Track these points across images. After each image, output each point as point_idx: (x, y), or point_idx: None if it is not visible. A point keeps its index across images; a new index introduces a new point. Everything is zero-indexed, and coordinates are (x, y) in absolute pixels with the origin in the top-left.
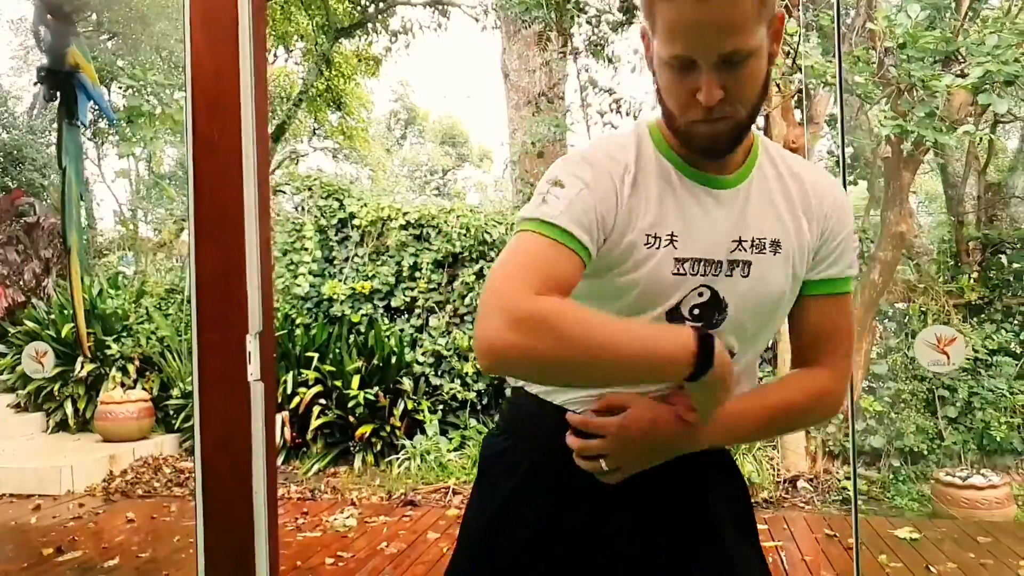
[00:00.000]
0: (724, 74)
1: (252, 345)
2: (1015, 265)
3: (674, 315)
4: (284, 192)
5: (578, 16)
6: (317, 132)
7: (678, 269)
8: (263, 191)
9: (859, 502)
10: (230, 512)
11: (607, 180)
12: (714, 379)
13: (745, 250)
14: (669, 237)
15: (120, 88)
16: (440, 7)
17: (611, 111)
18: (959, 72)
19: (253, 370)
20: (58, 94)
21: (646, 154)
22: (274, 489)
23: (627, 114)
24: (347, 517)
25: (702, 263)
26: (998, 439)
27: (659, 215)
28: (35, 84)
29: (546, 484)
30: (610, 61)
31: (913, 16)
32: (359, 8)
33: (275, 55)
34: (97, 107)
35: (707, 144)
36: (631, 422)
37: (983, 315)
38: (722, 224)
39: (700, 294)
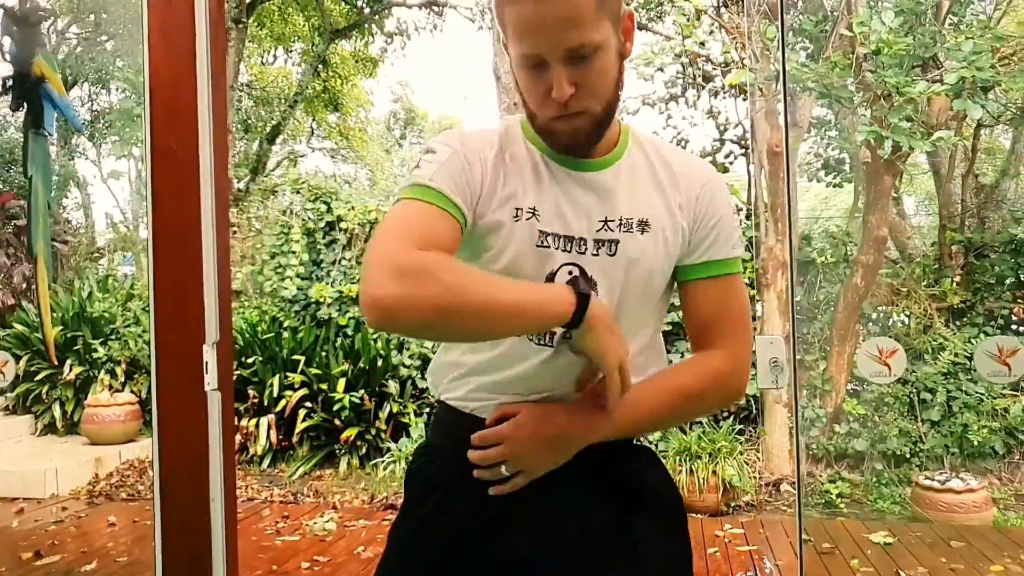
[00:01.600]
0: (573, 70)
1: (209, 355)
2: (997, 269)
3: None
4: (284, 193)
5: None
6: (316, 133)
7: (542, 241)
8: (221, 200)
9: (840, 506)
10: (188, 520)
11: (475, 151)
12: (597, 322)
13: (612, 229)
14: (531, 211)
15: (117, 89)
16: (435, 8)
17: None
18: (936, 78)
19: (210, 379)
20: (24, 104)
21: (515, 141)
22: (233, 497)
23: None
24: (327, 521)
25: (564, 239)
26: (976, 443)
27: (523, 192)
28: None
29: (461, 495)
30: None
31: (887, 23)
32: (355, 9)
33: (273, 56)
34: (63, 117)
35: (567, 141)
36: (523, 423)
37: (965, 319)
38: (587, 204)
39: (570, 271)
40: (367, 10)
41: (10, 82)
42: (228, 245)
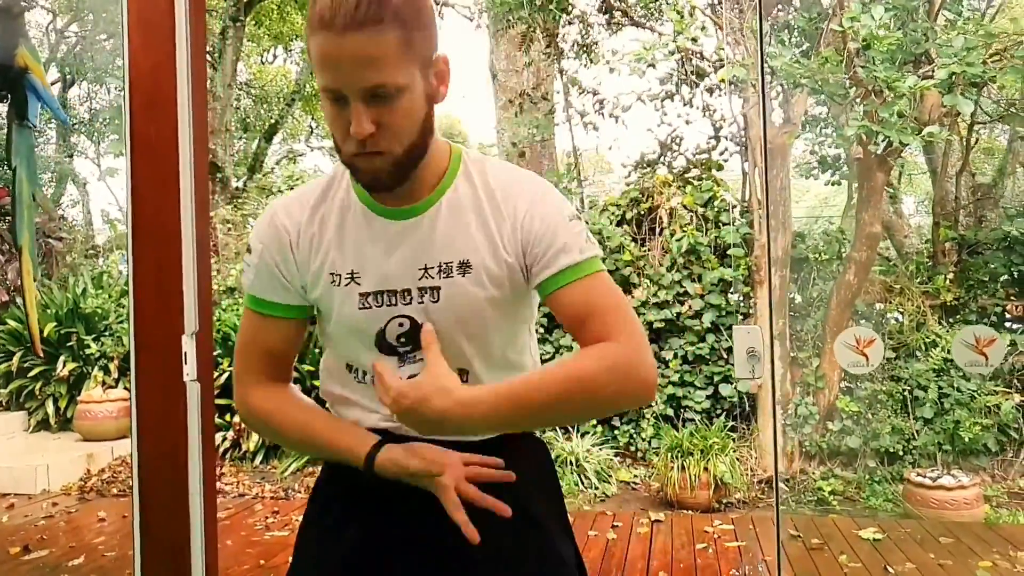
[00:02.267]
0: (374, 108)
1: (188, 345)
2: (991, 266)
3: (382, 344)
4: (282, 191)
5: (559, 16)
6: (315, 131)
7: (363, 303)
8: (201, 191)
9: (833, 503)
10: (167, 513)
11: (282, 239)
12: (387, 467)
13: (432, 276)
14: (350, 276)
15: (116, 88)
16: (434, 7)
17: (594, 112)
18: (927, 73)
19: (189, 370)
20: (8, 95)
21: (338, 195)
22: (212, 490)
23: (609, 115)
24: None
25: (386, 295)
26: (966, 440)
27: (340, 256)
28: None
29: (359, 511)
30: (593, 62)
31: (877, 18)
32: None
33: (273, 55)
34: (48, 108)
35: (368, 179)
36: (407, 389)
37: (958, 316)
38: (407, 253)
39: (400, 324)
40: None
41: None
42: (208, 236)
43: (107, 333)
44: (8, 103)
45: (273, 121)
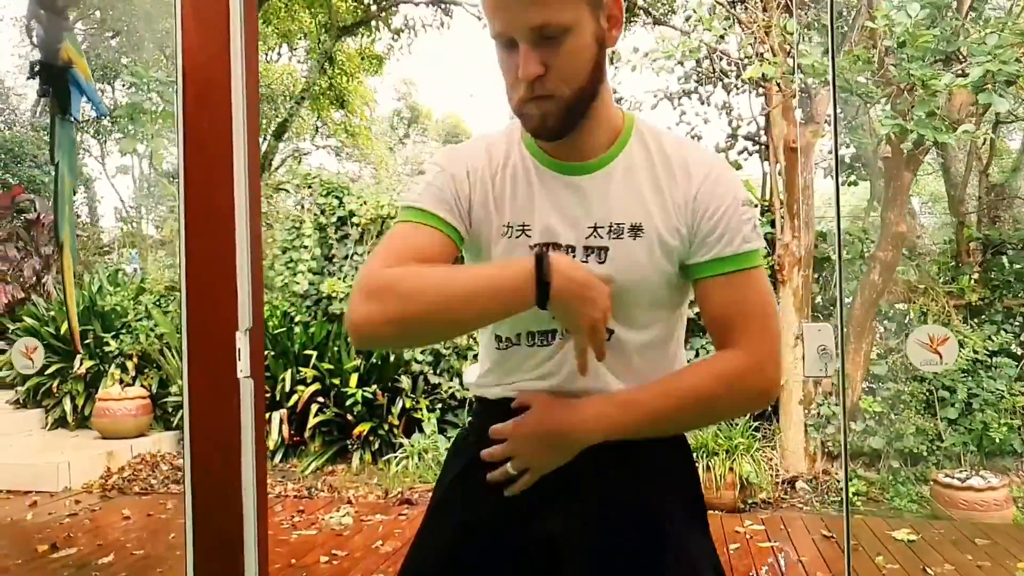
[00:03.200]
0: (542, 50)
1: (242, 342)
2: (1016, 266)
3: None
4: (287, 190)
5: None
6: (320, 130)
7: None
8: (254, 185)
9: (857, 503)
10: (220, 509)
11: (462, 167)
12: (568, 292)
13: (601, 236)
14: (521, 227)
15: (123, 86)
16: (443, 5)
17: None
18: (959, 71)
19: (243, 366)
20: (50, 89)
21: (511, 148)
22: (264, 485)
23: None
24: (343, 515)
25: (552, 248)
26: (997, 440)
27: (513, 207)
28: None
29: (475, 484)
30: (610, 60)
31: (913, 15)
32: (362, 7)
33: (279, 53)
34: (90, 101)
35: (536, 124)
36: (524, 421)
37: (983, 316)
38: (577, 210)
39: None
40: (374, 7)
41: (37, 68)
42: (260, 231)
43: (124, 331)
44: (52, 98)
45: (281, 120)
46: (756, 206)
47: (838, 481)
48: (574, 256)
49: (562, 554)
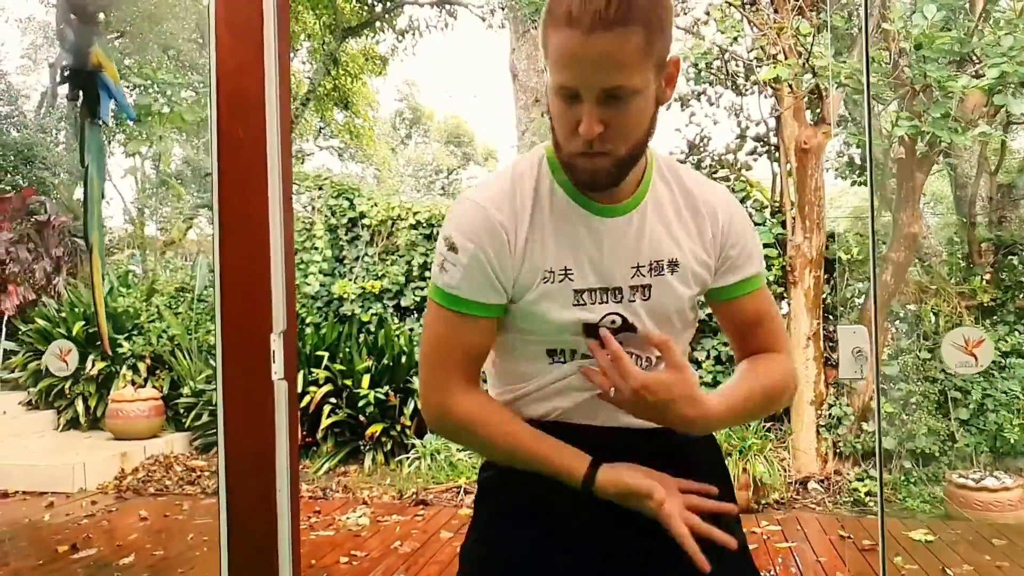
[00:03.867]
0: (606, 109)
1: (276, 344)
2: None
3: (592, 333)
4: (307, 189)
5: None
6: (323, 131)
7: (578, 300)
8: (286, 189)
9: (869, 503)
10: (253, 510)
11: (499, 235)
12: (612, 496)
13: (643, 275)
14: (563, 272)
15: (128, 86)
16: (447, 7)
17: None
18: (974, 73)
19: (277, 368)
20: (80, 93)
21: (543, 185)
22: (297, 487)
23: None
24: (360, 516)
25: (601, 291)
26: (1011, 441)
27: (555, 252)
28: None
29: (556, 497)
30: None
31: (929, 17)
32: (366, 7)
33: None
34: (118, 105)
35: (587, 178)
36: (656, 388)
37: (995, 317)
38: (618, 251)
39: (612, 322)
40: (379, 8)
41: (67, 71)
42: (292, 234)
43: (136, 332)
44: (81, 102)
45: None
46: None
47: (849, 481)
48: (621, 296)
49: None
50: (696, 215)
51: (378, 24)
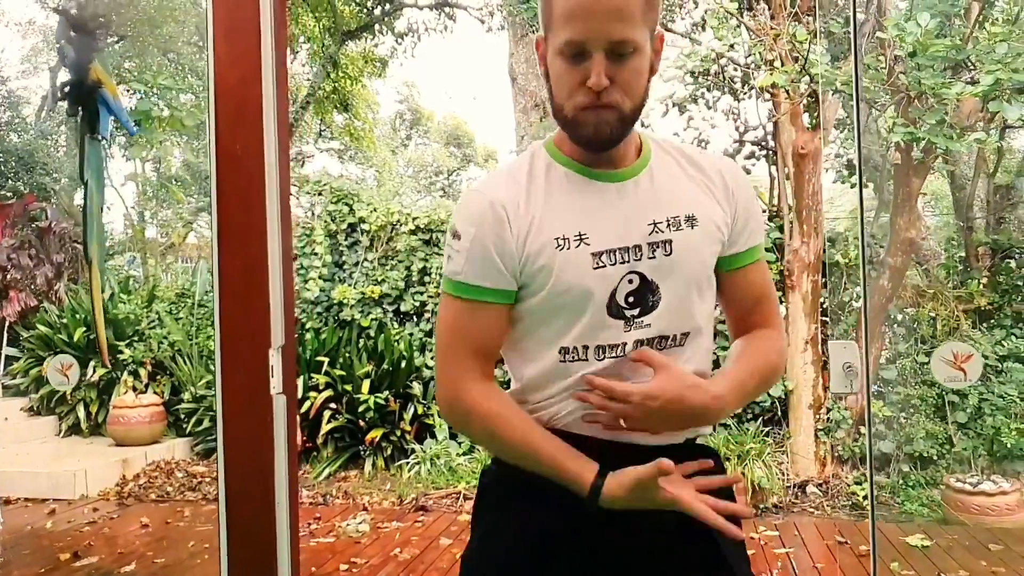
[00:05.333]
0: (612, 64)
1: (275, 359)
2: None
3: (612, 306)
4: (292, 193)
5: None
6: (323, 133)
7: (597, 263)
8: (284, 203)
9: (868, 507)
10: (253, 522)
11: (499, 223)
12: (617, 505)
13: (662, 230)
14: (578, 237)
15: (128, 91)
16: (446, 9)
17: None
18: (969, 79)
19: (275, 383)
20: (80, 109)
21: (540, 168)
22: (296, 499)
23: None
24: (360, 522)
25: (619, 252)
26: (1008, 445)
27: (563, 220)
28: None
29: (550, 500)
30: None
31: (923, 24)
32: (365, 10)
33: None
34: (118, 121)
35: (592, 132)
36: (658, 392)
37: (993, 320)
38: (631, 210)
39: (630, 281)
40: (378, 11)
41: (67, 88)
42: (291, 247)
43: (137, 338)
44: (81, 118)
45: (288, 124)
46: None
47: (848, 485)
48: (640, 254)
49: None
50: (704, 176)
51: (377, 27)
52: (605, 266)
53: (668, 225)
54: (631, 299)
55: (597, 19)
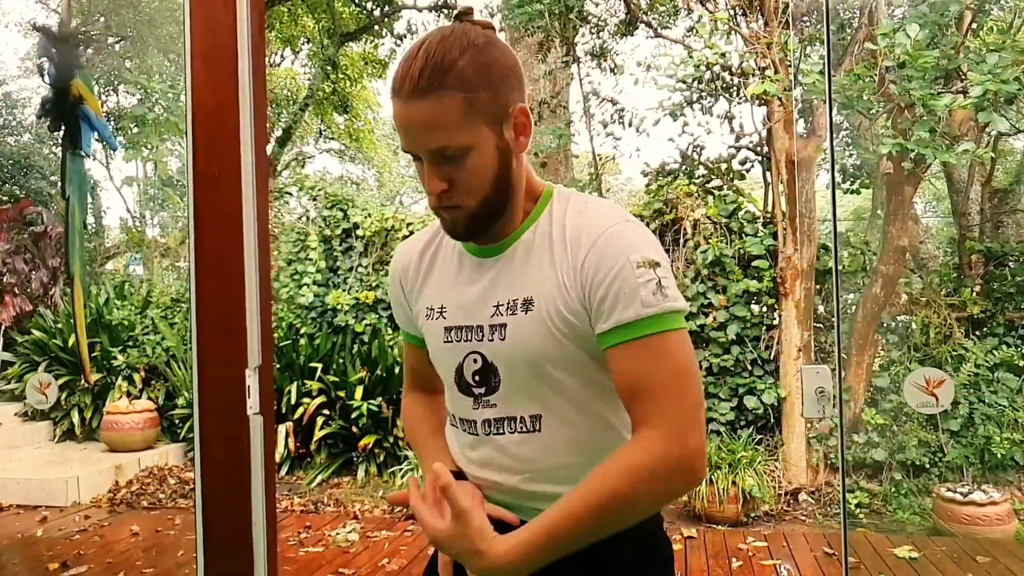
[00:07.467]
0: (445, 167)
1: (251, 379)
2: (1018, 278)
3: (460, 382)
4: (291, 194)
5: (580, 25)
6: (324, 134)
7: (447, 337)
8: (262, 225)
9: (860, 516)
10: (229, 542)
11: (401, 273)
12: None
13: (501, 313)
14: (440, 310)
15: (128, 92)
16: (445, 11)
17: (613, 121)
18: (960, 89)
19: (252, 404)
20: (62, 125)
21: (437, 235)
22: (274, 518)
23: (629, 124)
24: (349, 532)
25: (464, 330)
26: (999, 455)
27: (436, 292)
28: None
29: None
30: (612, 71)
31: (912, 36)
32: (364, 12)
33: (281, 56)
34: (101, 137)
35: (448, 228)
36: (445, 544)
37: (985, 329)
38: (484, 290)
39: (475, 360)
40: (377, 12)
41: (48, 104)
42: (269, 271)
43: (131, 344)
44: (63, 133)
45: (286, 126)
46: (659, 265)
47: (840, 493)
48: (482, 334)
49: None
50: (562, 251)
51: (376, 28)
52: (453, 342)
53: (506, 308)
54: (477, 377)
55: (414, 132)
